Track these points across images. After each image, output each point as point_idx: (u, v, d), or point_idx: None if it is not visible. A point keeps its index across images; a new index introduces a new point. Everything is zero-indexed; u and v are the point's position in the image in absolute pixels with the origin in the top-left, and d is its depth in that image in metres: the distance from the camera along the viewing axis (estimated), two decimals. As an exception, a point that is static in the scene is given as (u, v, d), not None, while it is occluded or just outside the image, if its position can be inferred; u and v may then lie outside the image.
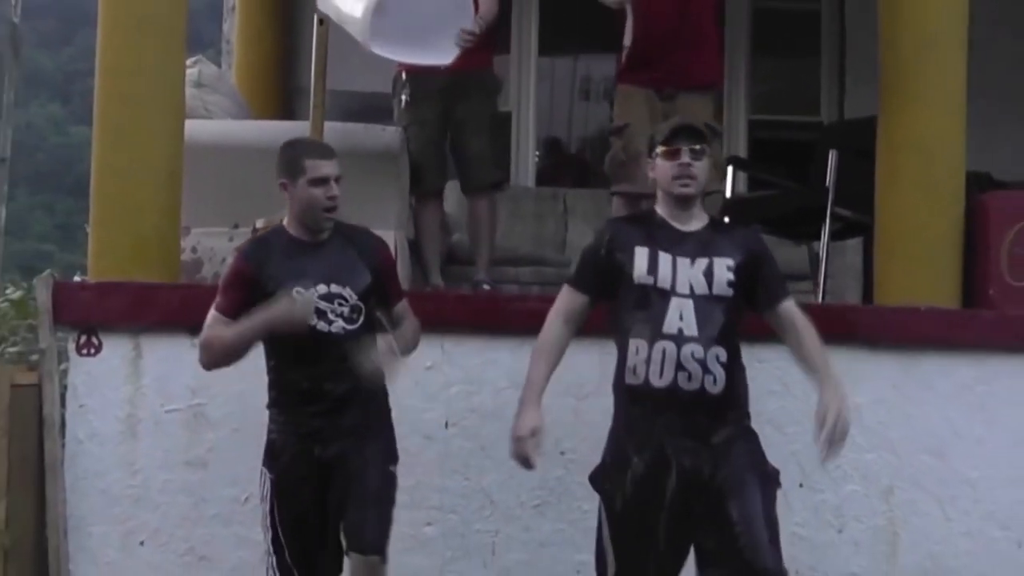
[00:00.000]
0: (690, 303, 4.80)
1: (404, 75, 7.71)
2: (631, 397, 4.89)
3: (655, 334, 4.77)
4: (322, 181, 5.19)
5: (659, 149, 5.00)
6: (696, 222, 5.04)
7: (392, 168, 7.27)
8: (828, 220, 7.54)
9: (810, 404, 4.80)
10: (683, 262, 4.88)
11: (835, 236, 7.81)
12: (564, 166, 11.37)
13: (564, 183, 10.64)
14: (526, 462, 4.96)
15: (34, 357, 6.52)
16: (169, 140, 6.49)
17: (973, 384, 6.32)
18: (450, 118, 7.64)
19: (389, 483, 5.25)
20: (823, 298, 7.62)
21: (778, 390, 6.14)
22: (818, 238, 7.59)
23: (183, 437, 6.22)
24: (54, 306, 6.24)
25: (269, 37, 10.26)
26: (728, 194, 8.12)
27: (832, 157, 7.60)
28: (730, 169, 8.38)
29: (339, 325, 5.16)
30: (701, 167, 4.97)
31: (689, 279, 4.84)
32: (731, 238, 5.06)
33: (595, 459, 6.23)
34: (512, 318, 6.37)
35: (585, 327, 6.31)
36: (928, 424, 6.25)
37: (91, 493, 6.22)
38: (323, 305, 5.14)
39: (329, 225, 5.27)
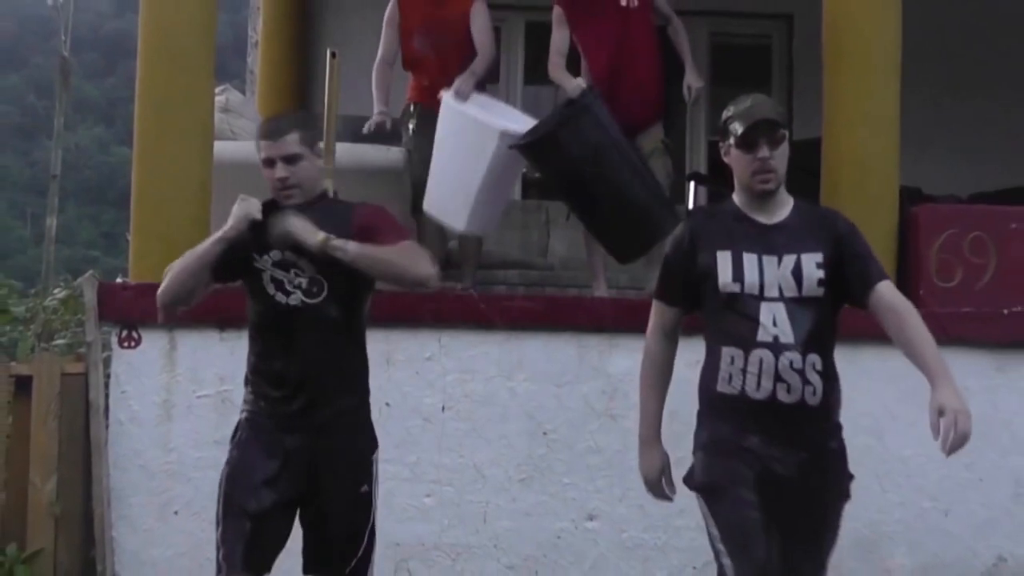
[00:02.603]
0: (781, 307, 4.01)
1: (412, 106, 7.69)
2: (724, 405, 4.09)
3: (750, 343, 4.00)
4: (268, 163, 4.48)
5: (732, 140, 4.15)
6: (781, 211, 4.19)
7: (396, 182, 7.26)
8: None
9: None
10: (769, 261, 4.06)
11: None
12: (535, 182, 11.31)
13: (547, 196, 10.62)
14: (664, 498, 4.37)
15: (81, 349, 6.50)
16: (200, 159, 6.48)
17: (906, 373, 6.18)
18: None
19: (362, 507, 4.47)
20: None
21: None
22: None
23: (212, 419, 6.20)
24: (99, 304, 6.24)
25: (288, 69, 10.26)
26: (690, 206, 8.11)
27: (781, 173, 7.59)
28: (692, 184, 8.37)
29: (297, 297, 4.38)
30: (780, 156, 4.14)
31: (777, 280, 4.03)
32: (818, 225, 4.17)
33: (574, 438, 6.25)
34: (501, 315, 6.36)
35: (561, 322, 6.34)
36: (867, 408, 6.24)
37: (131, 469, 6.21)
38: (279, 274, 4.39)
39: (299, 204, 4.44)
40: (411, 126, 7.62)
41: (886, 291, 4.11)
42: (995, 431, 6.35)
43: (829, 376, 4.08)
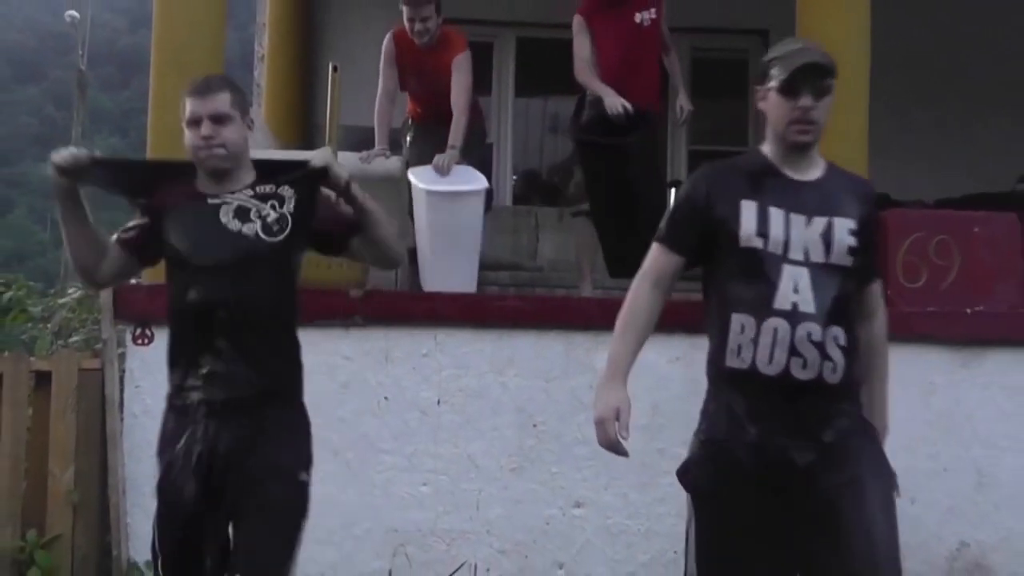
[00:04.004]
0: (805, 272, 3.43)
1: (410, 120, 7.85)
2: (733, 381, 3.49)
3: (765, 310, 3.41)
4: (193, 122, 3.81)
5: (774, 83, 3.60)
6: (814, 169, 3.63)
7: (394, 189, 7.25)
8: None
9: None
10: (797, 220, 3.48)
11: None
12: (536, 188, 11.35)
13: (536, 202, 10.64)
14: (616, 448, 3.61)
15: (98, 346, 6.50)
16: (209, 167, 6.47)
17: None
18: None
19: (298, 494, 3.71)
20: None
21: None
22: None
23: (221, 413, 6.20)
24: (114, 303, 6.24)
25: (292, 82, 10.28)
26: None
27: (758, 181, 7.61)
28: (673, 191, 8.38)
29: (252, 227, 3.68)
30: (824, 107, 3.56)
31: (804, 242, 3.46)
32: (852, 191, 3.63)
33: (562, 430, 6.25)
34: (493, 314, 6.37)
35: (550, 321, 6.34)
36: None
37: (144, 459, 6.15)
38: (252, 203, 3.74)
39: (224, 167, 3.85)
40: (408, 138, 7.76)
41: (877, 292, 3.78)
42: (958, 424, 6.37)
43: (852, 353, 3.52)
